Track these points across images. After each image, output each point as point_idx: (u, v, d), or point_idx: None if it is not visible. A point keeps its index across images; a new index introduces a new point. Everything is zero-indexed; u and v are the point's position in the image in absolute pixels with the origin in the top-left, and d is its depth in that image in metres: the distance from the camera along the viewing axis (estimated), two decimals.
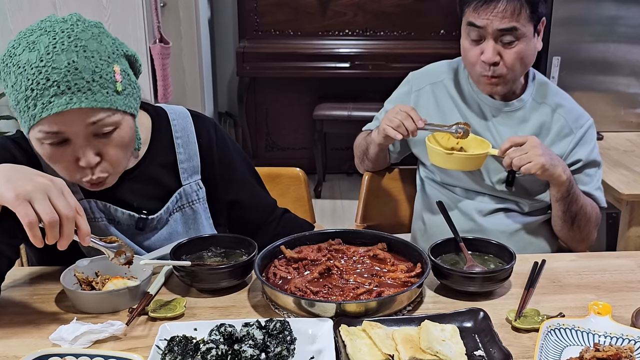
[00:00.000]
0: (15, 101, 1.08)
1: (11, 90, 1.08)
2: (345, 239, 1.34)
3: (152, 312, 1.12)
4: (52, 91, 1.04)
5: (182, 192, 1.33)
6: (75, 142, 1.09)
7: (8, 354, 1.02)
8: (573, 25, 2.89)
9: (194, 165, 1.34)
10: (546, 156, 1.45)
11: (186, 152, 1.33)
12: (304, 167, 1.94)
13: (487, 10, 1.48)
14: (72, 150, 1.10)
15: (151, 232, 1.30)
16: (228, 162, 1.40)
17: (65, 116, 1.06)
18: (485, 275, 1.20)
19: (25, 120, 1.08)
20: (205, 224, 1.36)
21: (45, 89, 1.04)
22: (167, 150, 1.32)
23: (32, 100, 1.04)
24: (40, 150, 1.12)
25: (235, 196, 1.41)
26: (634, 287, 1.25)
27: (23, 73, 1.05)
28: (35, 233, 0.98)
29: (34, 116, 1.05)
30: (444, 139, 1.61)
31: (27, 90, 1.04)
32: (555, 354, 1.02)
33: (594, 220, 1.61)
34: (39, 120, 1.06)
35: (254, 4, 3.95)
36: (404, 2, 3.97)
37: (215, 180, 1.38)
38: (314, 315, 1.09)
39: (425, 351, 0.98)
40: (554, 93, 1.65)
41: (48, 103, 1.04)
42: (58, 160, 1.12)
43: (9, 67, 1.07)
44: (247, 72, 3.88)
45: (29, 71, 1.04)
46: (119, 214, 1.26)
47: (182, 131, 1.33)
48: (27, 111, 1.06)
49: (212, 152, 1.37)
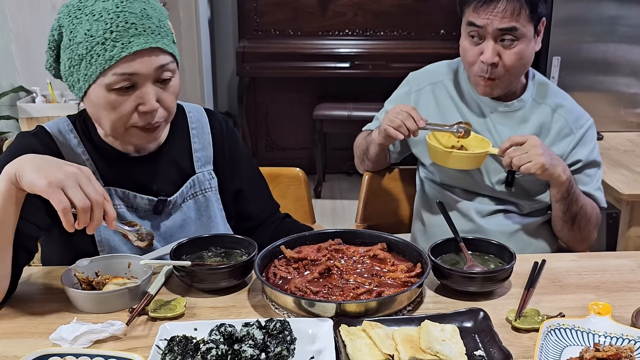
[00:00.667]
0: (87, 49, 1.13)
1: (83, 38, 1.12)
2: (345, 239, 1.34)
3: (152, 312, 1.12)
4: (130, 32, 1.12)
5: (195, 180, 1.37)
6: (141, 86, 1.16)
7: (8, 354, 1.02)
8: (573, 25, 2.89)
9: (207, 155, 1.40)
10: (546, 156, 1.45)
11: (200, 142, 1.39)
12: (304, 167, 1.94)
13: (487, 10, 1.48)
14: (135, 96, 1.17)
15: (166, 218, 1.34)
16: (237, 154, 1.46)
17: (141, 56, 1.14)
18: (485, 275, 1.20)
19: (97, 67, 1.13)
20: (217, 213, 1.40)
21: (125, 30, 1.12)
22: (184, 138, 1.38)
23: (110, 42, 1.12)
24: (102, 101, 1.16)
25: (240, 185, 1.45)
26: (634, 287, 1.25)
27: (100, 19, 1.12)
28: (69, 219, 1.03)
29: (112, 57, 1.12)
30: (444, 138, 1.61)
31: (106, 33, 1.11)
32: (555, 354, 1.02)
33: (594, 221, 1.61)
34: (117, 61, 1.12)
35: (254, 3, 3.95)
36: (404, 2, 3.97)
37: (225, 171, 1.43)
38: (314, 315, 1.09)
39: (425, 351, 0.98)
40: (554, 93, 1.65)
41: (128, 43, 1.12)
42: (118, 108, 1.16)
43: (79, 18, 1.13)
44: (247, 72, 3.89)
45: (105, 16, 1.12)
46: (137, 199, 1.30)
47: (197, 122, 1.40)
48: (103, 54, 1.12)
49: (223, 143, 1.43)
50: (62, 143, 1.26)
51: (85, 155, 1.28)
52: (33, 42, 3.22)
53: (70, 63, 1.16)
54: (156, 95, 1.18)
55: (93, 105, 1.19)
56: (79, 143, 1.28)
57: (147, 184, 1.32)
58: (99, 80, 1.15)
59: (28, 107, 3.10)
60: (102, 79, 1.14)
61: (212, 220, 1.39)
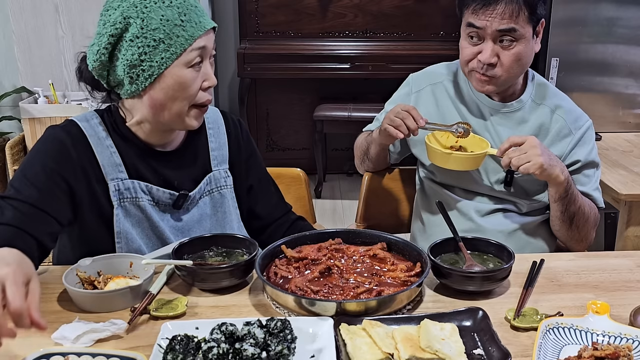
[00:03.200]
0: (165, 33, 1.21)
1: (159, 24, 1.21)
2: (345, 238, 1.35)
3: (154, 311, 1.13)
4: (198, 14, 1.25)
5: (211, 177, 1.42)
6: (204, 62, 1.28)
7: (10, 353, 1.03)
8: (571, 26, 2.90)
9: (223, 154, 1.45)
10: (545, 156, 1.45)
11: (217, 142, 1.45)
12: (305, 167, 1.95)
13: (487, 11, 1.49)
14: (202, 73, 1.27)
15: (185, 212, 1.38)
16: (251, 152, 1.51)
17: (207, 34, 1.26)
18: (484, 275, 1.21)
19: (178, 47, 1.22)
20: (232, 210, 1.44)
21: (194, 13, 1.24)
22: (202, 137, 1.43)
23: (187, 23, 1.23)
24: (180, 80, 1.24)
25: (252, 182, 1.50)
26: (632, 287, 1.26)
27: (171, 5, 1.22)
28: None
29: (192, 36, 1.23)
30: (443, 138, 1.62)
31: (181, 16, 1.22)
32: (554, 352, 1.03)
33: (593, 221, 1.62)
34: (196, 38, 1.23)
35: (255, 5, 3.96)
36: (404, 4, 3.98)
37: (239, 170, 1.47)
38: (314, 314, 1.10)
39: (425, 350, 0.99)
40: (553, 94, 1.66)
41: (199, 22, 1.25)
42: (191, 86, 1.26)
43: (149, 7, 1.21)
44: (247, 73, 3.89)
45: (175, 2, 1.23)
46: (160, 193, 1.34)
47: (213, 123, 1.46)
48: (183, 34, 1.22)
49: (238, 141, 1.49)
50: (91, 135, 1.30)
51: (113, 147, 1.31)
52: (35, 43, 3.23)
53: (143, 50, 1.21)
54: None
55: (164, 90, 1.25)
56: (107, 135, 1.32)
57: (170, 179, 1.36)
58: (178, 60, 1.23)
59: (30, 107, 3.11)
60: (182, 57, 1.23)
61: (226, 217, 1.42)
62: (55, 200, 1.24)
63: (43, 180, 1.24)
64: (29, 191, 1.22)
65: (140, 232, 1.33)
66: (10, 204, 1.21)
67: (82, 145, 1.29)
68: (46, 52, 3.20)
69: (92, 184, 1.29)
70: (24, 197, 1.22)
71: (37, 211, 1.21)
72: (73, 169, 1.27)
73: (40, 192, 1.23)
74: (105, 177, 1.29)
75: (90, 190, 1.29)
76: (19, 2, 3.16)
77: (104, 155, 1.30)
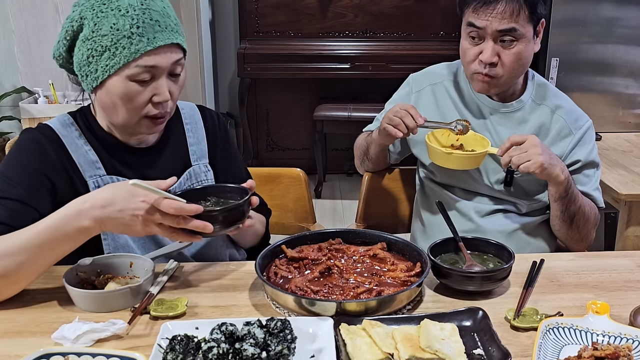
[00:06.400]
0: (112, 41, 1.18)
1: (108, 31, 1.18)
2: (345, 238, 1.35)
3: (153, 311, 1.13)
4: (155, 28, 1.20)
5: (191, 172, 1.42)
6: (158, 79, 1.23)
7: (10, 353, 1.03)
8: (571, 26, 2.90)
9: (202, 148, 1.45)
10: (545, 155, 1.45)
11: (195, 137, 1.44)
12: (305, 167, 1.95)
13: (487, 11, 1.49)
14: (151, 88, 1.23)
15: None
16: (229, 147, 1.51)
17: (163, 51, 1.21)
18: (484, 275, 1.21)
19: (121, 58, 1.19)
20: None
21: (150, 26, 1.19)
22: (179, 134, 1.43)
23: (137, 37, 1.18)
24: (120, 91, 1.22)
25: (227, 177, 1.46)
26: (632, 287, 1.26)
27: (126, 15, 1.18)
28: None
29: (138, 51, 1.19)
30: (443, 137, 1.62)
31: (132, 28, 1.18)
32: (554, 352, 1.03)
33: (593, 221, 1.62)
34: (141, 55, 1.19)
35: (255, 5, 3.96)
36: (404, 4, 3.98)
37: (218, 164, 1.47)
38: (314, 314, 1.10)
39: (425, 350, 0.99)
40: (553, 94, 1.66)
41: (153, 38, 1.20)
42: (136, 98, 1.23)
43: (104, 12, 1.19)
44: (248, 73, 3.89)
45: (132, 13, 1.18)
46: None
47: (190, 118, 1.46)
48: (129, 47, 1.18)
49: (216, 135, 1.48)
50: (65, 135, 1.30)
51: (87, 145, 1.31)
52: (35, 43, 3.23)
53: (90, 53, 1.20)
54: (168, 88, 1.25)
55: (109, 95, 1.23)
56: (80, 135, 1.32)
57: (148, 175, 1.33)
58: (121, 71, 1.20)
59: (30, 107, 3.11)
60: (125, 70, 1.20)
61: None
62: (41, 198, 1.23)
63: (26, 179, 1.24)
64: (14, 190, 1.22)
65: None
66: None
67: (58, 146, 1.29)
68: (46, 52, 3.20)
69: (73, 182, 1.29)
70: (11, 195, 1.21)
71: (26, 208, 1.21)
72: (53, 167, 1.27)
73: (26, 189, 1.23)
74: (84, 175, 1.29)
75: (72, 188, 1.28)
76: (19, 2, 3.16)
77: (79, 154, 1.30)
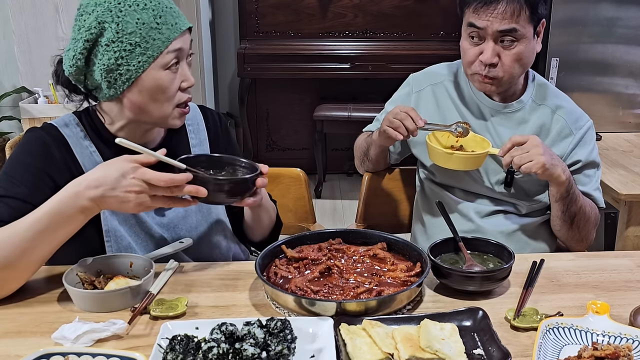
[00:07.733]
0: (141, 36, 1.21)
1: (135, 27, 1.20)
2: (345, 238, 1.35)
3: (153, 311, 1.13)
4: (173, 14, 1.25)
5: None
6: (181, 62, 1.28)
7: (10, 353, 1.03)
8: (572, 26, 2.90)
9: (204, 149, 1.45)
10: (547, 155, 1.45)
11: (197, 138, 1.45)
12: (305, 167, 1.95)
13: (487, 11, 1.49)
14: (179, 74, 1.28)
15: (169, 208, 1.37)
16: (231, 147, 1.51)
17: (182, 35, 1.26)
18: (484, 275, 1.21)
19: (155, 49, 1.22)
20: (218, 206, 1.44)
21: (169, 14, 1.24)
22: (182, 135, 1.44)
23: (163, 25, 1.23)
24: (158, 83, 1.25)
25: None
26: (632, 287, 1.26)
27: (146, 8, 1.22)
28: None
29: (168, 38, 1.23)
30: (443, 138, 1.62)
31: (156, 18, 1.22)
32: (554, 352, 1.03)
33: (593, 221, 1.62)
34: (172, 40, 1.24)
35: (255, 5, 3.96)
36: (404, 4, 3.98)
37: None
38: (314, 314, 1.10)
39: (425, 350, 0.99)
40: (554, 94, 1.66)
41: (175, 24, 1.25)
42: (169, 88, 1.26)
43: (125, 11, 1.21)
44: (248, 73, 3.89)
45: (150, 5, 1.22)
46: None
47: (192, 119, 1.46)
48: (159, 37, 1.22)
49: (218, 135, 1.49)
50: (70, 136, 1.30)
51: (92, 147, 1.31)
52: (35, 43, 3.23)
53: (119, 55, 1.21)
54: None
55: (142, 93, 1.24)
56: (85, 136, 1.32)
57: None
58: (156, 62, 1.23)
59: (30, 107, 3.11)
60: (159, 60, 1.23)
61: (212, 212, 1.42)
62: (44, 197, 1.21)
63: (30, 179, 1.24)
64: (17, 189, 1.22)
65: (128, 229, 1.32)
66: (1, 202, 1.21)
67: (63, 146, 1.28)
68: (46, 52, 3.19)
69: None
70: (14, 194, 1.21)
71: (28, 207, 1.20)
72: (57, 167, 1.27)
73: (29, 188, 1.23)
74: None
75: None
76: (19, 2, 3.16)
77: (84, 155, 1.29)
